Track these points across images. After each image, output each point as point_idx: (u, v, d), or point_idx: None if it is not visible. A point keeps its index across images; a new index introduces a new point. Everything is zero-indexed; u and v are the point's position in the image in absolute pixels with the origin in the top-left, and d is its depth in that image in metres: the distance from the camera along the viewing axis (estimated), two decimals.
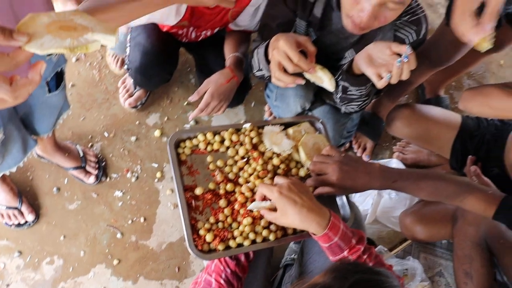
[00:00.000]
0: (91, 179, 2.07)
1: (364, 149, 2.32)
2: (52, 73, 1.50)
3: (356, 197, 2.13)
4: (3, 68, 0.75)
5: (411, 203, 2.05)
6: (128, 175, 2.13)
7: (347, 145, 2.33)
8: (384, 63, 1.39)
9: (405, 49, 1.33)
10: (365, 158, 2.30)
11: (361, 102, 1.78)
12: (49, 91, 1.55)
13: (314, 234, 1.26)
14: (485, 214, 1.40)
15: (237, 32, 1.98)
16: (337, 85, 1.64)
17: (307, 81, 1.53)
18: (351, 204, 1.50)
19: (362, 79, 1.55)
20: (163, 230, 2.06)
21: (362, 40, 1.69)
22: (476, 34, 1.21)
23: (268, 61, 1.60)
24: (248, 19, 1.91)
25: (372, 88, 1.65)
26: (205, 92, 1.81)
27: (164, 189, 2.12)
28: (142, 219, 2.06)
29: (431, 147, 2.06)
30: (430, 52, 1.90)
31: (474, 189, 1.42)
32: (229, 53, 1.94)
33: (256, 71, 1.72)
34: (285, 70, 1.49)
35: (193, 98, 1.81)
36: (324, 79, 1.52)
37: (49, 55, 1.39)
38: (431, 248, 2.10)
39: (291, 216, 1.24)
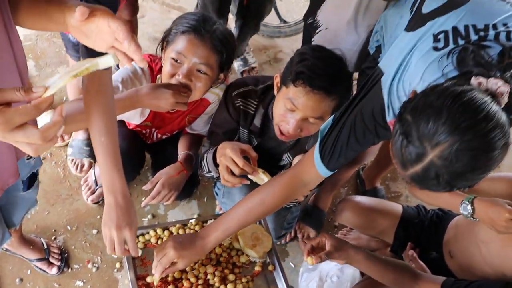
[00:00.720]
0: (54, 270, 2.21)
1: (308, 239, 2.54)
2: (28, 174, 1.66)
3: (301, 282, 2.32)
4: (31, 117, 0.85)
5: (351, 284, 2.24)
6: (89, 265, 2.28)
7: (292, 234, 2.54)
8: None
9: None
10: None
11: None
12: (23, 189, 1.71)
13: None
14: None
15: (191, 135, 2.26)
16: None
17: (251, 181, 1.80)
18: (288, 285, 1.74)
19: None
20: None
21: (297, 144, 1.98)
22: None
23: (216, 165, 1.88)
24: (202, 125, 2.21)
25: None
26: (157, 182, 2.05)
27: (123, 279, 2.26)
28: None
29: (375, 233, 2.29)
30: None
31: (420, 273, 1.69)
32: (182, 151, 2.21)
33: (206, 173, 2.00)
34: (232, 173, 1.77)
35: (146, 187, 2.06)
36: (265, 180, 1.78)
37: (28, 158, 1.56)
38: None
39: None
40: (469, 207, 1.62)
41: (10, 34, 1.15)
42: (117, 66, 2.18)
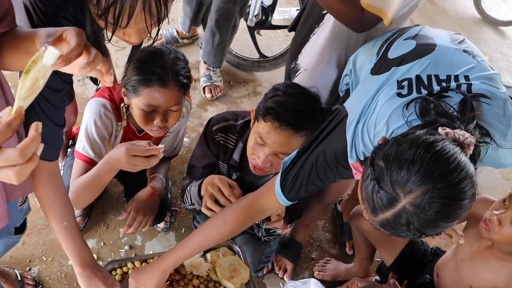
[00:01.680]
0: None
1: (285, 271, 2.55)
2: (22, 219, 1.72)
3: None
4: (5, 136, 0.80)
5: None
6: None
7: (270, 267, 2.54)
8: None
9: None
10: (286, 279, 2.51)
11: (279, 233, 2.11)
12: (14, 233, 1.74)
13: None
14: None
15: None
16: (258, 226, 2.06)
17: None
18: None
19: None
20: None
21: None
22: None
23: (200, 197, 1.90)
24: (169, 144, 2.26)
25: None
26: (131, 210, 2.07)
27: None
28: None
29: (383, 246, 2.26)
30: (320, 197, 2.28)
31: None
32: (151, 175, 2.25)
33: (188, 205, 2.02)
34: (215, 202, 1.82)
35: (121, 216, 2.09)
36: None
37: (21, 204, 1.61)
38: None
39: None
40: None
41: None
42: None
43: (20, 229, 1.75)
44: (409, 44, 1.46)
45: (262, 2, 3.06)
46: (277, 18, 3.32)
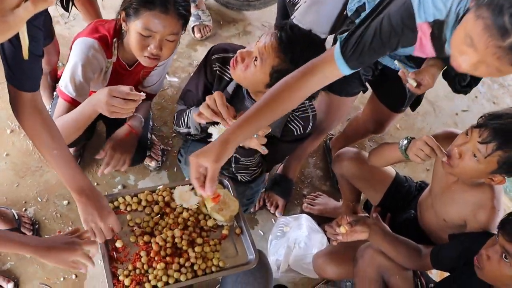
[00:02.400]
0: None
1: (277, 207, 2.60)
2: None
3: (270, 249, 2.38)
4: None
5: (319, 249, 2.31)
6: None
7: (262, 203, 2.59)
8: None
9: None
10: (278, 215, 2.57)
11: (251, 172, 2.13)
12: None
13: None
14: None
15: None
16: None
17: None
18: (255, 247, 1.78)
19: (250, 151, 1.91)
20: (93, 286, 2.21)
21: None
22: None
23: None
24: (156, 77, 2.28)
25: (260, 158, 2.04)
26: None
27: None
28: (73, 276, 2.21)
29: (368, 189, 2.31)
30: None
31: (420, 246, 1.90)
32: None
33: (184, 128, 2.04)
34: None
35: (99, 155, 2.10)
36: None
37: None
38: None
39: None
40: (405, 141, 1.84)
41: None
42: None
43: None
44: None
45: None
46: None
